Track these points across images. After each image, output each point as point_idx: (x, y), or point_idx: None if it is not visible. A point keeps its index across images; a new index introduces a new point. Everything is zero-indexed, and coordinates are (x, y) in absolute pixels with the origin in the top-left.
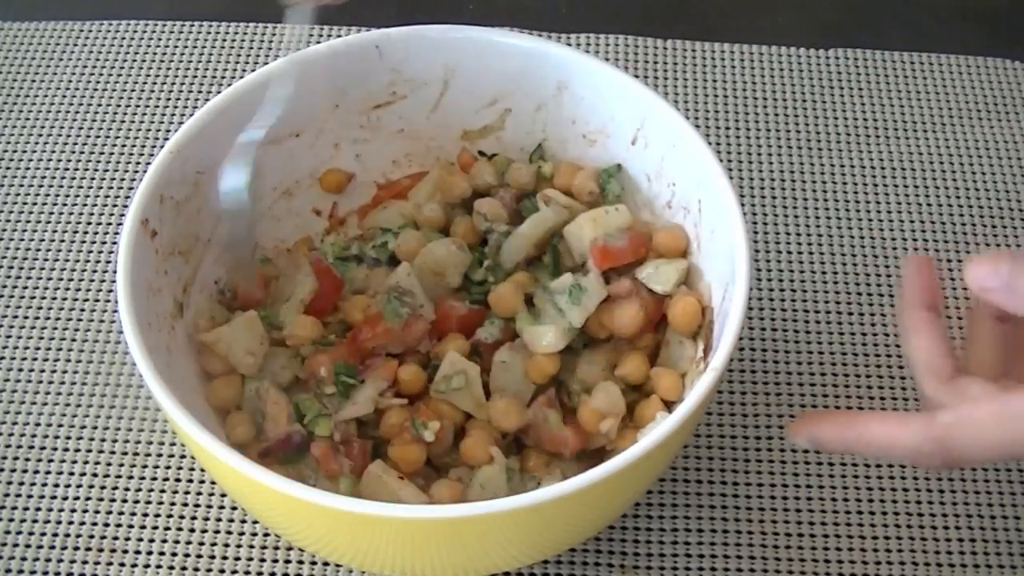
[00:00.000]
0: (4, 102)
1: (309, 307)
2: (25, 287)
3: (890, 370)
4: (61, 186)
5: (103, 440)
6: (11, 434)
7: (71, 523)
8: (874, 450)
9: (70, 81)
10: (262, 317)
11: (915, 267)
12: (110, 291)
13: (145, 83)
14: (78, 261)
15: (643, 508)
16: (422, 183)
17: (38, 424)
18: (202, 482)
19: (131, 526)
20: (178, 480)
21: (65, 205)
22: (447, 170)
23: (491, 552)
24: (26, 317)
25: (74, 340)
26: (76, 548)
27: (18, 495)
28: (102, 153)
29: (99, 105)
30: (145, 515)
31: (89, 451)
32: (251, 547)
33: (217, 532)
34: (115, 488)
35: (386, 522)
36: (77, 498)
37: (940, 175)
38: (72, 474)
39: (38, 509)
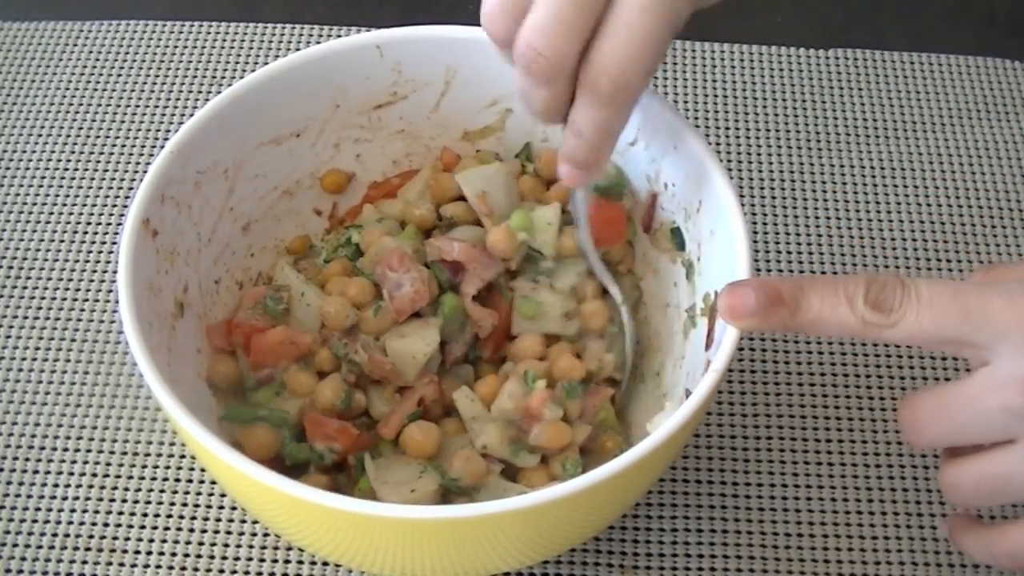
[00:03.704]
0: (4, 102)
1: None
2: (25, 287)
3: (890, 370)
4: (61, 186)
5: (103, 440)
6: (11, 434)
7: (71, 523)
8: (826, 283)
9: (70, 81)
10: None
11: None
12: (110, 291)
13: (145, 83)
14: (78, 261)
15: (643, 508)
16: (412, 182)
17: (38, 424)
18: (202, 482)
19: (131, 526)
20: (178, 480)
21: (65, 205)
22: (437, 170)
23: (491, 552)
24: (26, 317)
25: (74, 340)
26: (76, 548)
27: (18, 495)
28: (102, 153)
29: (99, 105)
30: (145, 515)
31: (89, 451)
32: (251, 547)
33: (217, 532)
34: (115, 488)
35: (386, 522)
36: (77, 498)
37: (940, 175)
38: (72, 474)
39: (38, 509)
